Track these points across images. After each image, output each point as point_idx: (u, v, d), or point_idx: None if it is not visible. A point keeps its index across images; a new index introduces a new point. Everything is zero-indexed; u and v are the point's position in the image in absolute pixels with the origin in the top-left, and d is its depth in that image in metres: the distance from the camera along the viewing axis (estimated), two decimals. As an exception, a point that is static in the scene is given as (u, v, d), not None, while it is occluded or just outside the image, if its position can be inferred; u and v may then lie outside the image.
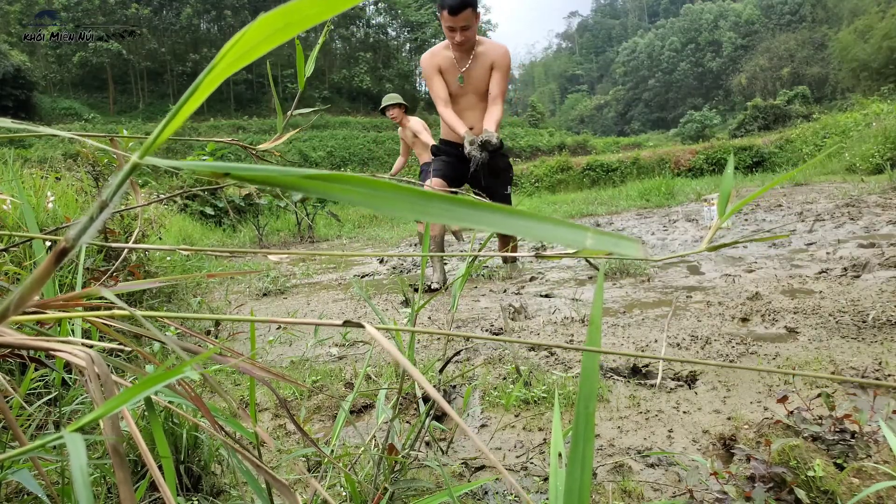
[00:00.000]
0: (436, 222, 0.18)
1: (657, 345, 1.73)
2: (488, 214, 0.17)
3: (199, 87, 0.17)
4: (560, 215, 7.54)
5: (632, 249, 0.17)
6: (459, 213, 0.17)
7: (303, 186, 0.18)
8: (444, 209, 0.17)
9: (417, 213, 0.18)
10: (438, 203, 0.17)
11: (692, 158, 15.96)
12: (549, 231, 0.18)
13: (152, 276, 2.15)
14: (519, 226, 0.17)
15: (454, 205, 0.17)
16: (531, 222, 0.17)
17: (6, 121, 0.49)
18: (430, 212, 0.17)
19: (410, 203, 0.17)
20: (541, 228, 0.17)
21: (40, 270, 0.20)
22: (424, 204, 0.17)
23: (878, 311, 1.81)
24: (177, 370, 0.27)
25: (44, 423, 1.11)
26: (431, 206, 0.17)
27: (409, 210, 0.17)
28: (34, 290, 0.20)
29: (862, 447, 0.95)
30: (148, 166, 0.61)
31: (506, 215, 0.17)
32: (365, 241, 6.68)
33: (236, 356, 0.46)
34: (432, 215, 0.17)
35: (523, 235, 0.18)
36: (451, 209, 0.17)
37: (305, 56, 0.62)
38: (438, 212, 0.17)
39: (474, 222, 0.17)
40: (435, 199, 0.17)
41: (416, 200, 0.17)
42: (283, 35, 0.16)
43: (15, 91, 35.33)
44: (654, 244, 4.12)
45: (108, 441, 0.29)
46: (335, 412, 1.39)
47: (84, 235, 0.19)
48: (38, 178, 2.53)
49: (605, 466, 1.05)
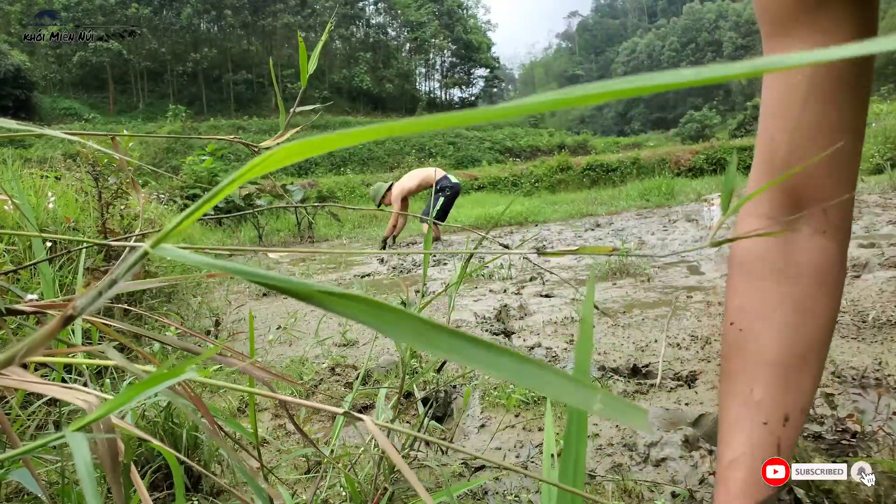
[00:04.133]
0: (439, 356, 0.18)
1: (657, 345, 1.73)
2: (497, 357, 0.17)
3: (219, 192, 0.18)
4: (560, 215, 7.55)
5: (637, 420, 0.17)
6: (464, 350, 0.17)
7: (314, 299, 0.18)
8: (451, 344, 0.17)
9: (425, 345, 0.17)
10: (445, 337, 0.17)
11: (692, 158, 15.95)
12: (559, 386, 0.17)
13: (152, 276, 2.15)
14: (529, 374, 0.17)
15: (462, 340, 0.17)
16: (545, 374, 0.17)
17: (6, 121, 0.49)
18: (436, 344, 0.17)
19: (414, 331, 0.17)
20: (553, 383, 0.17)
21: (48, 330, 0.21)
22: (430, 334, 0.17)
23: (878, 311, 1.81)
24: (177, 371, 0.27)
25: (44, 423, 1.11)
26: (438, 338, 0.17)
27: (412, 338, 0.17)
28: (41, 344, 0.21)
29: (863, 447, 0.95)
30: (148, 166, 0.61)
31: (517, 362, 0.17)
32: (365, 241, 6.68)
33: (237, 356, 0.46)
34: (438, 349, 0.17)
35: (530, 386, 0.17)
36: (456, 344, 0.17)
37: (308, 55, 0.62)
38: (443, 345, 0.17)
39: (481, 364, 0.17)
40: (442, 332, 0.17)
41: (421, 329, 0.17)
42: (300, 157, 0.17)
43: (15, 91, 35.34)
44: (654, 244, 4.12)
45: (100, 441, 0.29)
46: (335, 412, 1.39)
47: (91, 306, 0.20)
48: (39, 178, 2.53)
49: (604, 465, 1.05)
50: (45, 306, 0.39)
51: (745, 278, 0.69)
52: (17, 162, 3.65)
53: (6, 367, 0.22)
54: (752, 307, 0.67)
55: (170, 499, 0.93)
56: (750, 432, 0.63)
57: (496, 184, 15.84)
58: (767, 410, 0.63)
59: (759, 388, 0.64)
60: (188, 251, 0.19)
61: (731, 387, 0.67)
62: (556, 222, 6.94)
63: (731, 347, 0.68)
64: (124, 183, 2.09)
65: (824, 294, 0.66)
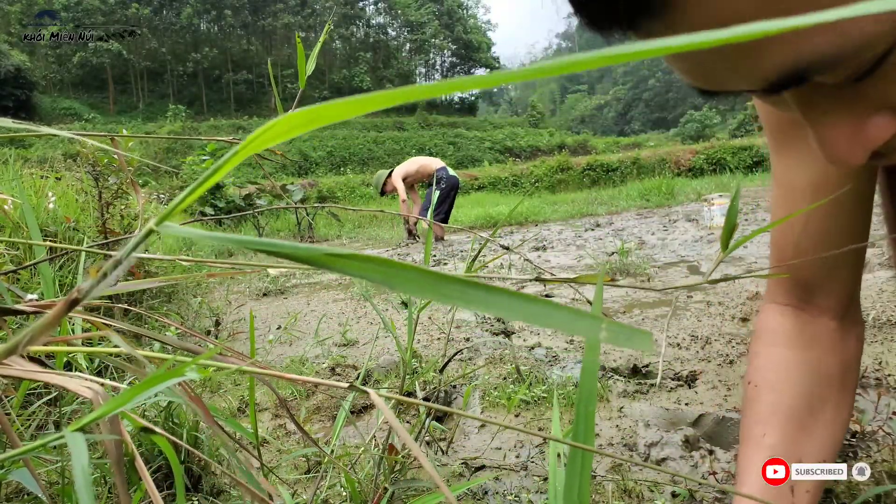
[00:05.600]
0: (449, 304, 0.19)
1: (657, 345, 1.73)
2: (505, 299, 0.17)
3: (225, 164, 0.18)
4: (560, 215, 7.55)
5: (643, 344, 0.17)
6: (473, 296, 0.17)
7: (320, 262, 0.19)
8: (459, 291, 0.17)
9: (433, 294, 0.18)
10: (453, 285, 0.18)
11: (692, 158, 15.95)
12: (564, 319, 0.18)
13: (152, 276, 2.15)
14: (534, 312, 0.17)
15: (469, 287, 0.17)
16: (548, 309, 0.17)
17: (6, 121, 0.49)
18: (445, 293, 0.18)
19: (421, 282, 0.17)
20: (556, 316, 0.17)
21: (52, 315, 0.21)
22: (440, 285, 0.18)
23: (878, 311, 1.81)
24: (178, 371, 0.27)
25: (44, 422, 1.11)
26: (447, 287, 0.18)
27: (425, 290, 0.18)
28: (44, 332, 0.21)
29: (863, 447, 0.95)
30: (148, 166, 0.61)
31: (523, 301, 0.17)
32: (365, 240, 6.68)
33: (237, 356, 0.46)
34: (447, 297, 0.18)
35: (536, 323, 0.18)
36: (466, 291, 0.17)
37: (306, 55, 0.62)
38: (453, 293, 0.17)
39: (488, 307, 0.17)
40: (451, 282, 0.18)
41: (428, 279, 0.17)
42: (304, 129, 0.16)
43: (15, 91, 35.35)
44: (654, 244, 4.12)
45: (109, 443, 0.29)
46: (335, 412, 1.39)
47: (95, 290, 0.20)
48: (39, 178, 2.53)
49: (604, 465, 1.05)
50: (45, 306, 0.39)
51: (764, 345, 0.74)
52: (17, 162, 3.65)
53: (8, 357, 0.22)
54: (768, 367, 0.72)
55: (170, 499, 0.93)
56: (759, 473, 0.63)
57: (496, 184, 15.84)
58: (778, 453, 0.64)
59: (771, 433, 0.66)
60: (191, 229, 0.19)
61: (745, 434, 0.69)
62: (557, 222, 6.93)
63: (747, 402, 0.72)
64: (124, 183, 2.09)
65: (836, 361, 0.70)
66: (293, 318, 2.45)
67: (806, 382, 0.68)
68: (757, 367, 0.73)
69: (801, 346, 0.71)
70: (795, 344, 0.71)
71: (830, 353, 0.70)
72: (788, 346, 0.72)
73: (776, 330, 0.74)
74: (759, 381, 0.71)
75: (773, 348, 0.73)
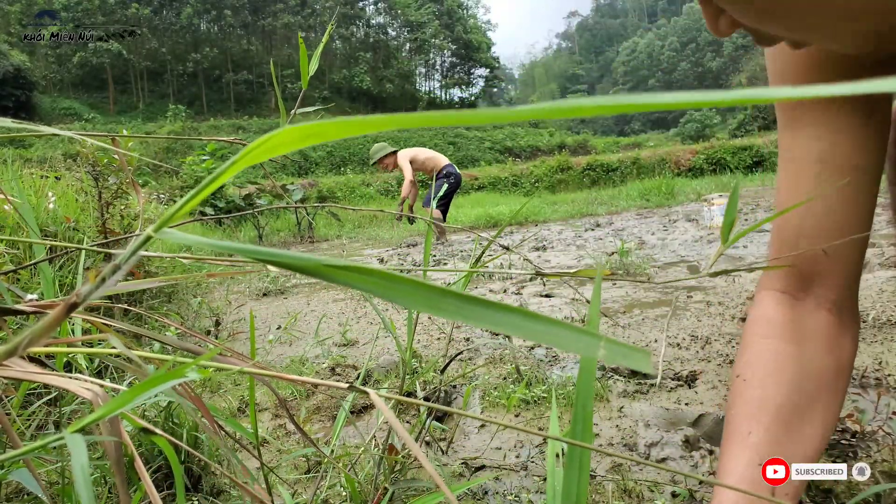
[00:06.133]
0: (447, 318, 0.19)
1: (657, 345, 1.73)
2: (502, 315, 0.17)
3: (220, 176, 0.18)
4: (560, 215, 7.55)
5: (642, 364, 0.17)
6: (471, 311, 0.17)
7: (320, 273, 0.19)
8: (457, 306, 0.17)
9: (431, 309, 0.18)
10: (452, 300, 0.18)
11: (692, 158, 15.94)
12: (563, 336, 0.18)
13: (152, 276, 2.15)
14: (532, 329, 0.17)
15: (467, 302, 0.17)
16: (547, 326, 0.17)
17: (6, 121, 0.49)
18: (443, 307, 0.18)
19: (422, 296, 0.17)
20: (555, 333, 0.17)
21: (51, 319, 0.21)
22: (438, 299, 0.18)
23: (878, 311, 1.81)
24: (178, 372, 0.27)
25: (44, 422, 1.11)
26: (445, 301, 0.18)
27: (423, 304, 0.18)
28: (44, 335, 0.21)
29: (863, 447, 0.95)
30: (148, 166, 0.61)
31: (521, 317, 0.17)
32: (365, 240, 6.68)
33: (237, 357, 0.46)
34: (445, 311, 0.18)
35: (535, 339, 0.18)
36: (464, 307, 0.17)
37: (308, 56, 0.62)
38: (451, 308, 0.18)
39: (485, 322, 0.17)
40: (449, 296, 0.18)
41: (429, 294, 0.17)
42: (301, 144, 0.16)
43: (15, 91, 35.34)
44: (654, 244, 4.12)
45: (108, 443, 0.29)
46: (335, 412, 1.39)
47: (94, 294, 0.20)
48: (39, 178, 2.53)
49: (604, 465, 1.05)
50: (45, 306, 0.39)
51: (755, 337, 0.73)
52: (17, 162, 3.65)
53: (8, 358, 0.22)
54: (758, 361, 0.71)
55: (170, 499, 0.93)
56: (742, 472, 0.62)
57: (496, 184, 15.84)
58: (763, 453, 0.63)
59: (756, 430, 0.65)
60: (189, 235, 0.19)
61: (731, 430, 0.68)
62: (557, 222, 6.93)
63: (734, 396, 0.70)
64: (124, 183, 2.09)
65: (831, 360, 0.69)
66: (293, 318, 2.45)
67: (797, 381, 0.67)
68: (748, 360, 0.71)
69: (796, 340, 0.70)
70: (790, 337, 0.70)
71: (826, 351, 0.69)
72: (783, 338, 0.70)
73: (771, 319, 0.72)
74: (748, 376, 0.70)
75: (766, 340, 0.71)
